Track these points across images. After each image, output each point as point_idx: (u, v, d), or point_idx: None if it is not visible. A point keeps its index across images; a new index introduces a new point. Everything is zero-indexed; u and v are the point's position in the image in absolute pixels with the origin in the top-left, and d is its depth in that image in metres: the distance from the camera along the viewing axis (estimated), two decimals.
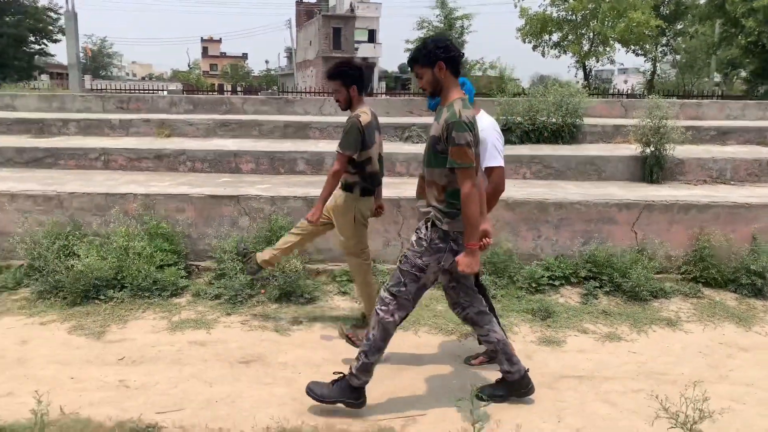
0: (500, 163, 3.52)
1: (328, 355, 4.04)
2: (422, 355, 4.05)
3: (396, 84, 51.36)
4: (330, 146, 7.07)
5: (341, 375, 3.31)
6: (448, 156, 3.01)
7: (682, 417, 2.53)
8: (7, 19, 37.90)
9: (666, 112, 6.21)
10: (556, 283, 5.19)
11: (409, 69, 3.29)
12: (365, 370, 3.21)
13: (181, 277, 5.16)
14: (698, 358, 4.04)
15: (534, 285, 5.10)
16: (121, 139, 7.55)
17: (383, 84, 45.92)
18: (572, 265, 5.28)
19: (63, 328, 4.42)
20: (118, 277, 4.96)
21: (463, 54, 3.20)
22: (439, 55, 3.05)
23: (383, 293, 3.25)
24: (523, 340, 4.27)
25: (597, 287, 5.08)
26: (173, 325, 4.47)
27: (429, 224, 3.16)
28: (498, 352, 3.36)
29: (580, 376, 3.75)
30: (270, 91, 32.58)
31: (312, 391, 3.28)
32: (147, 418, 3.17)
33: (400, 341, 4.00)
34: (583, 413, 3.31)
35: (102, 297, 4.83)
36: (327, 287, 5.28)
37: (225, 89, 51.25)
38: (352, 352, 3.97)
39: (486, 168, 3.51)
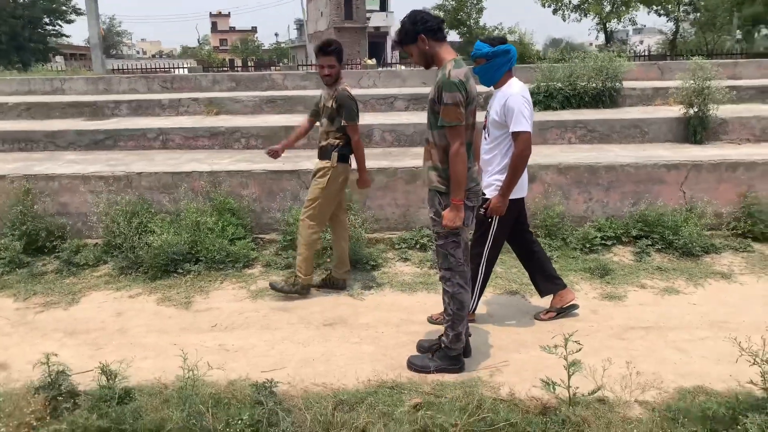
0: (526, 128, 3.59)
1: (404, 315, 4.31)
2: (492, 314, 4.30)
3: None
4: (374, 119, 7.28)
5: (437, 345, 3.53)
6: (439, 115, 3.17)
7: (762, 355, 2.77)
8: (21, 1, 38.09)
9: (710, 73, 6.31)
10: (609, 243, 5.41)
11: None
12: (456, 339, 3.44)
13: (251, 250, 5.45)
14: (757, 307, 4.26)
15: (588, 245, 5.33)
16: (173, 119, 7.81)
17: (396, 54, 45.49)
18: (623, 225, 5.50)
19: (151, 300, 4.74)
20: (193, 251, 5.25)
21: (442, 20, 3.31)
22: (417, 29, 3.21)
23: (441, 272, 3.45)
24: (585, 296, 4.51)
25: (649, 245, 5.29)
26: (253, 294, 4.77)
27: (438, 195, 3.29)
28: (453, 316, 3.41)
29: (647, 327, 4.00)
30: (281, 64, 32.58)
31: (413, 363, 3.52)
32: (254, 377, 3.46)
33: None
34: (656, 359, 3.56)
35: (180, 270, 5.12)
36: (387, 254, 5.53)
37: (236, 64, 51.22)
38: (426, 312, 4.27)
39: (512, 133, 3.64)
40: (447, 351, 3.47)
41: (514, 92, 3.65)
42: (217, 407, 2.97)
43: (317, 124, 4.77)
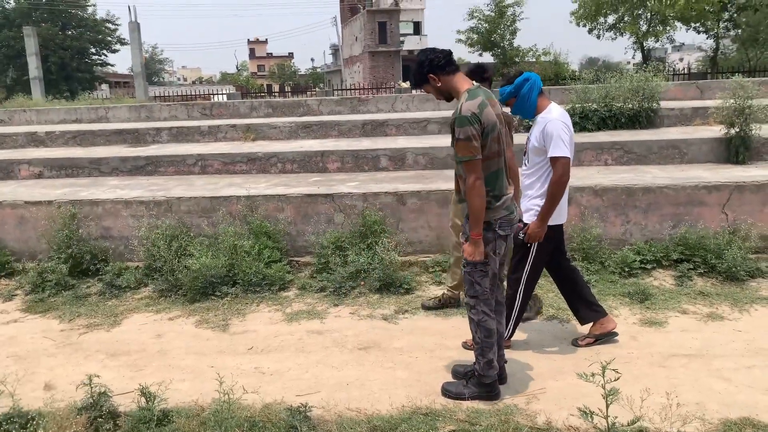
0: (565, 153, 3.57)
1: (438, 340, 4.28)
2: (528, 339, 4.24)
3: None
4: (408, 142, 7.31)
5: (471, 371, 3.49)
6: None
7: None
8: (70, 33, 39.75)
9: (751, 92, 6.18)
10: (648, 266, 5.29)
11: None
12: (488, 366, 3.39)
13: (287, 272, 5.51)
14: None
15: (626, 269, 5.22)
16: (212, 145, 8.02)
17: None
18: (663, 248, 5.37)
19: (189, 322, 4.82)
20: (231, 274, 5.34)
21: (448, 51, 3.28)
22: (424, 72, 3.24)
23: (466, 299, 3.43)
24: (624, 321, 4.41)
25: (691, 269, 5.15)
26: (288, 317, 4.81)
27: (468, 225, 3.29)
28: (481, 344, 3.38)
29: (689, 354, 3.88)
30: (317, 89, 33.28)
31: (448, 390, 3.48)
32: (288, 401, 3.48)
33: None
34: (699, 388, 3.45)
35: (218, 293, 5.21)
36: (421, 278, 5.52)
37: (273, 90, 52.28)
38: (460, 337, 4.23)
39: (551, 158, 3.62)
40: (481, 378, 3.43)
41: (553, 117, 3.64)
42: (252, 431, 3.00)
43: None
